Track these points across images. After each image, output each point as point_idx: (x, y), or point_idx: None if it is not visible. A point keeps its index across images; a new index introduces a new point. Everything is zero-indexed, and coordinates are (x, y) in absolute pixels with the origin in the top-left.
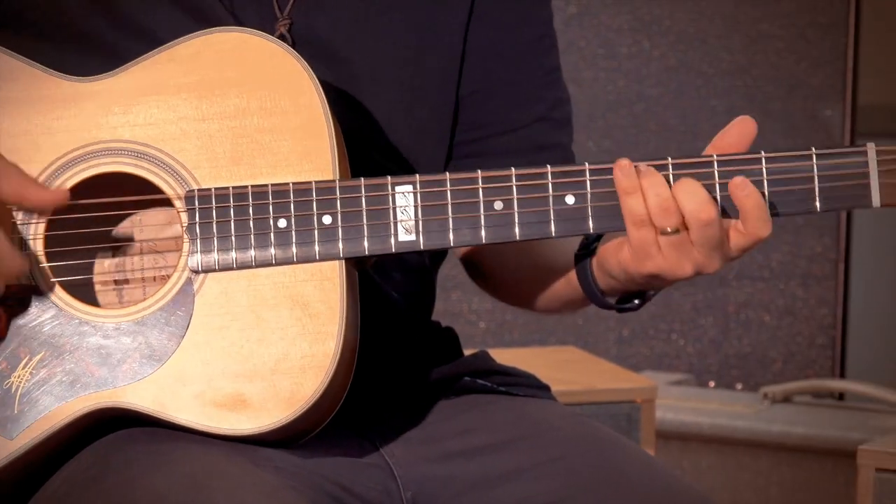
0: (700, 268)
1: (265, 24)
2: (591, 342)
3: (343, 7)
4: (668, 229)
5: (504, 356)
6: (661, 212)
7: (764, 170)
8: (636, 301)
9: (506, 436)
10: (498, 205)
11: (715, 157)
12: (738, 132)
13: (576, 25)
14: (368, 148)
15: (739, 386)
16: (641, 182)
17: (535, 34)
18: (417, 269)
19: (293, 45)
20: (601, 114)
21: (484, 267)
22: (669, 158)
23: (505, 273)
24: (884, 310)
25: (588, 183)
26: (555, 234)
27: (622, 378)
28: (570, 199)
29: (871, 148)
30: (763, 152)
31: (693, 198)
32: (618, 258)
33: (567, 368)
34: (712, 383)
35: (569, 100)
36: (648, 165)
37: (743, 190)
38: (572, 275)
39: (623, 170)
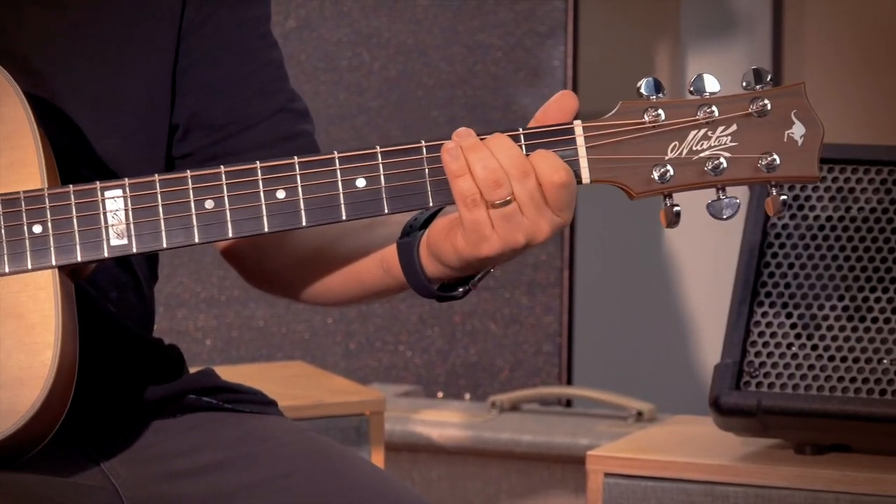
0: (531, 237)
1: None
2: (319, 356)
3: (39, 22)
4: (498, 202)
5: (231, 373)
6: (491, 184)
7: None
8: (460, 290)
9: (233, 453)
10: (209, 203)
11: (521, 129)
12: (558, 107)
13: (295, 39)
14: (77, 164)
15: (467, 396)
16: (467, 158)
17: (258, 31)
18: (132, 286)
19: None
20: (323, 128)
21: (266, 267)
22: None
23: (296, 269)
24: (608, 316)
25: (298, 177)
26: (268, 230)
27: (350, 391)
28: (280, 194)
29: (577, 125)
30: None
31: (548, 162)
32: (453, 244)
33: (295, 383)
34: (440, 394)
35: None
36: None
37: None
38: (389, 265)
39: (450, 153)
